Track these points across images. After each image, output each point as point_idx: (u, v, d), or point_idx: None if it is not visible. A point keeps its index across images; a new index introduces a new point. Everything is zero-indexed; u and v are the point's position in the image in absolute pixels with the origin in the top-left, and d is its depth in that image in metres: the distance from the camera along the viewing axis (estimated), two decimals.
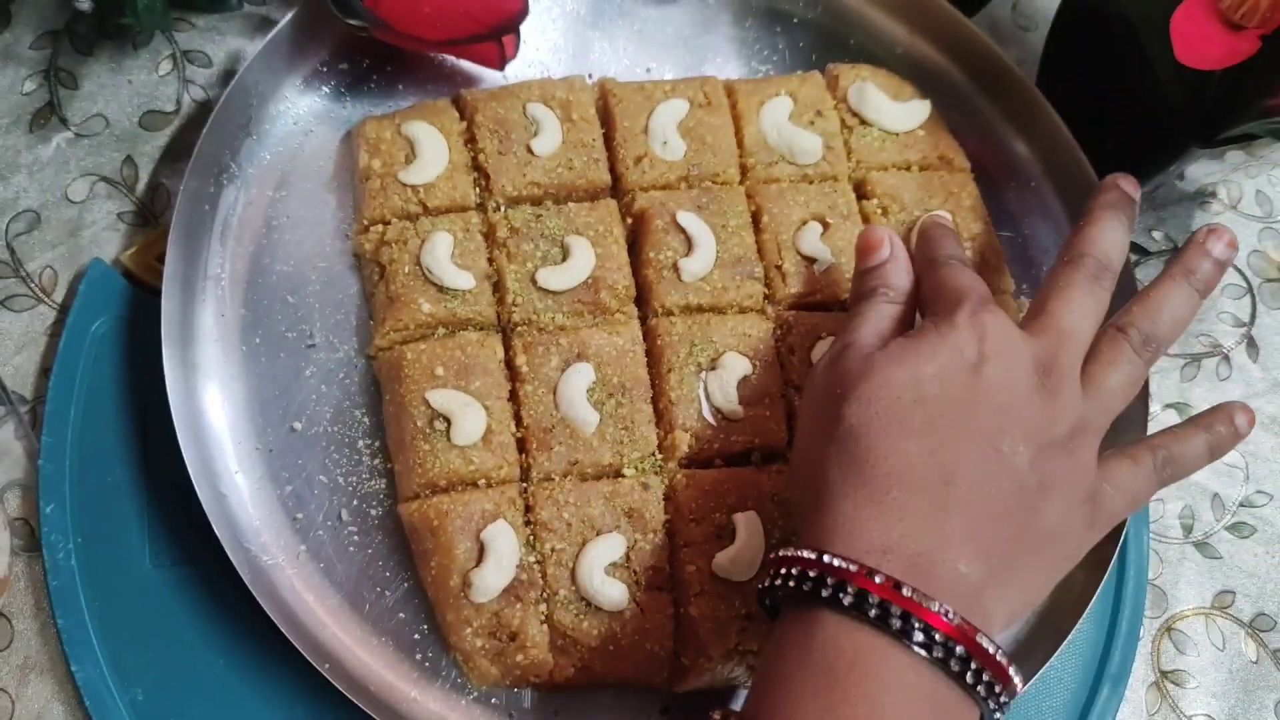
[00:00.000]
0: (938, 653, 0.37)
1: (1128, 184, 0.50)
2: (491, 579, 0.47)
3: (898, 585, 0.38)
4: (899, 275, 0.49)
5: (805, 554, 0.40)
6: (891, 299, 0.48)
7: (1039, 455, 0.42)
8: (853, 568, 0.39)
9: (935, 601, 0.38)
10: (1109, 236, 0.48)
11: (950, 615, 0.38)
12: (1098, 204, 0.49)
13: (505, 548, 0.48)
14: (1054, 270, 0.48)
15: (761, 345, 0.53)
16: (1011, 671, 0.39)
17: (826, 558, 0.39)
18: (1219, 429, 0.48)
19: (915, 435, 0.42)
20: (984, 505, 0.41)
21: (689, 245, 0.54)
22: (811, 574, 0.39)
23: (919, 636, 0.37)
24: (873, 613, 0.38)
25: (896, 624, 0.37)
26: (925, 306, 0.48)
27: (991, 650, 0.38)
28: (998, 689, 0.39)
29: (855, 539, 0.40)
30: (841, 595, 0.38)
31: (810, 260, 0.54)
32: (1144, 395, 0.56)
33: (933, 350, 0.44)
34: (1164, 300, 0.47)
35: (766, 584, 0.41)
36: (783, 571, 0.40)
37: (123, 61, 0.61)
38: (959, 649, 0.38)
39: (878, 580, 0.38)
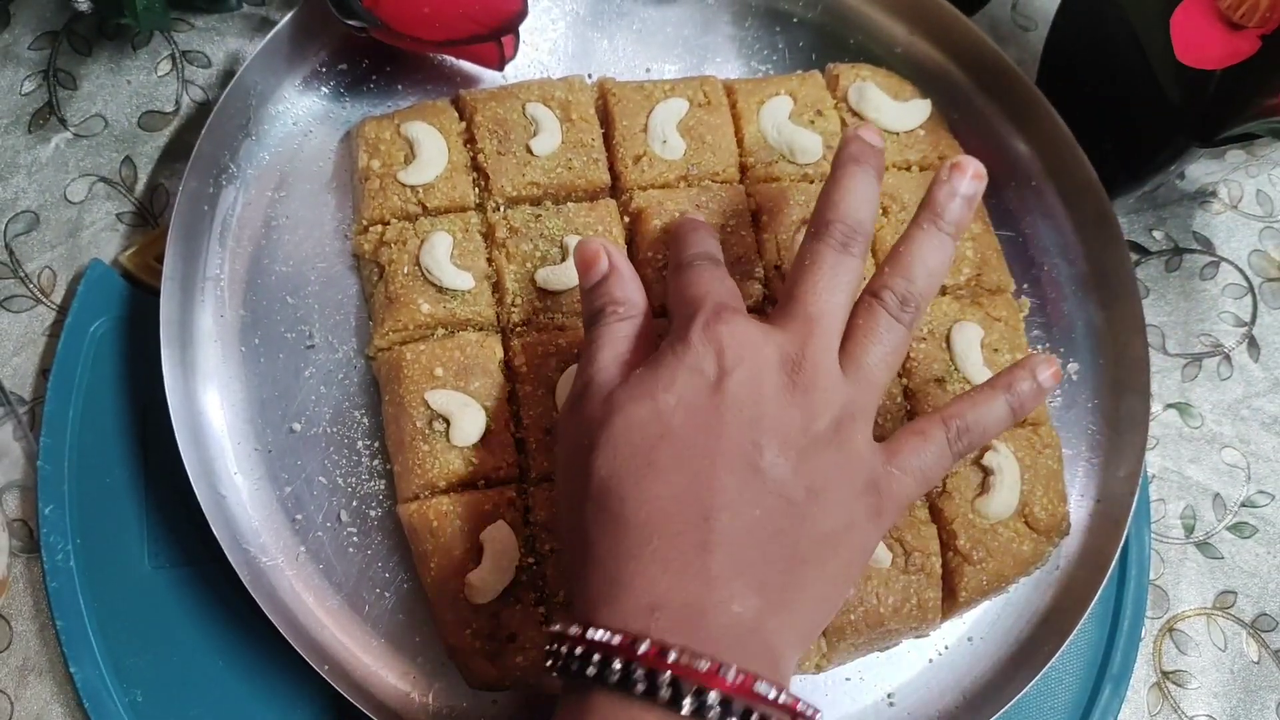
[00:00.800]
0: (713, 715, 0.35)
1: (868, 133, 0.47)
2: (491, 580, 0.47)
3: (664, 651, 0.35)
4: (624, 287, 0.45)
5: (571, 630, 0.37)
6: (623, 315, 0.45)
7: (802, 459, 0.40)
8: (615, 639, 0.36)
9: (704, 660, 0.35)
10: (853, 196, 0.44)
11: (724, 670, 0.35)
12: (837, 161, 0.46)
13: (504, 549, 0.48)
14: (801, 246, 0.45)
15: None
16: (800, 706, 0.37)
17: (590, 631, 0.37)
18: (1021, 387, 0.45)
19: (665, 475, 0.39)
20: (749, 532, 0.38)
21: None
22: (578, 651, 0.37)
23: (689, 705, 0.35)
24: (639, 687, 0.35)
25: (666, 694, 0.35)
26: (669, 319, 0.45)
27: (773, 695, 0.36)
28: None
29: (621, 603, 0.37)
30: (607, 672, 0.36)
31: None
32: (1145, 395, 0.56)
33: (670, 376, 0.41)
34: (915, 253, 0.44)
35: (547, 664, 0.38)
36: (551, 650, 0.38)
37: (122, 62, 0.61)
38: (737, 705, 0.35)
39: (641, 649, 0.35)
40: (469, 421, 0.49)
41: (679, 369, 0.41)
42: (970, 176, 0.45)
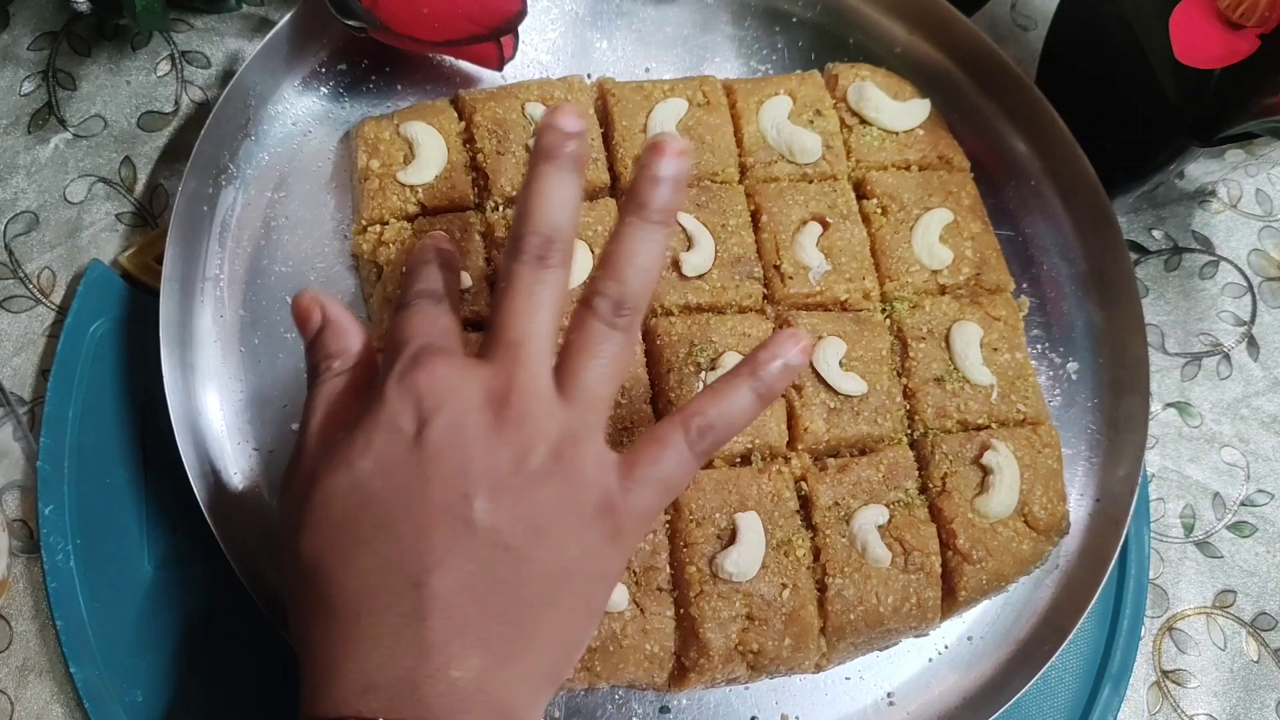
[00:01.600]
0: None
1: (564, 116, 0.41)
2: None
3: None
4: (339, 338, 0.43)
5: None
6: (337, 370, 0.42)
7: (518, 499, 0.38)
8: None
9: None
10: (545, 200, 0.41)
11: None
12: (534, 156, 0.42)
13: None
14: (501, 266, 0.42)
15: None
16: None
17: None
18: (768, 370, 0.41)
19: (370, 546, 0.37)
20: (465, 589, 0.36)
21: (688, 245, 0.54)
22: None
23: None
24: None
25: None
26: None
27: None
28: None
29: (336, 688, 0.36)
30: None
31: (805, 268, 0.54)
32: (1144, 394, 0.56)
33: (366, 439, 0.38)
34: (623, 251, 0.41)
35: None
36: None
37: (121, 62, 0.61)
38: None
39: None
40: None
41: (374, 429, 0.38)
42: (670, 155, 0.41)
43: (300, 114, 0.57)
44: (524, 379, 0.39)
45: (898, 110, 0.59)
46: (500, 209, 0.54)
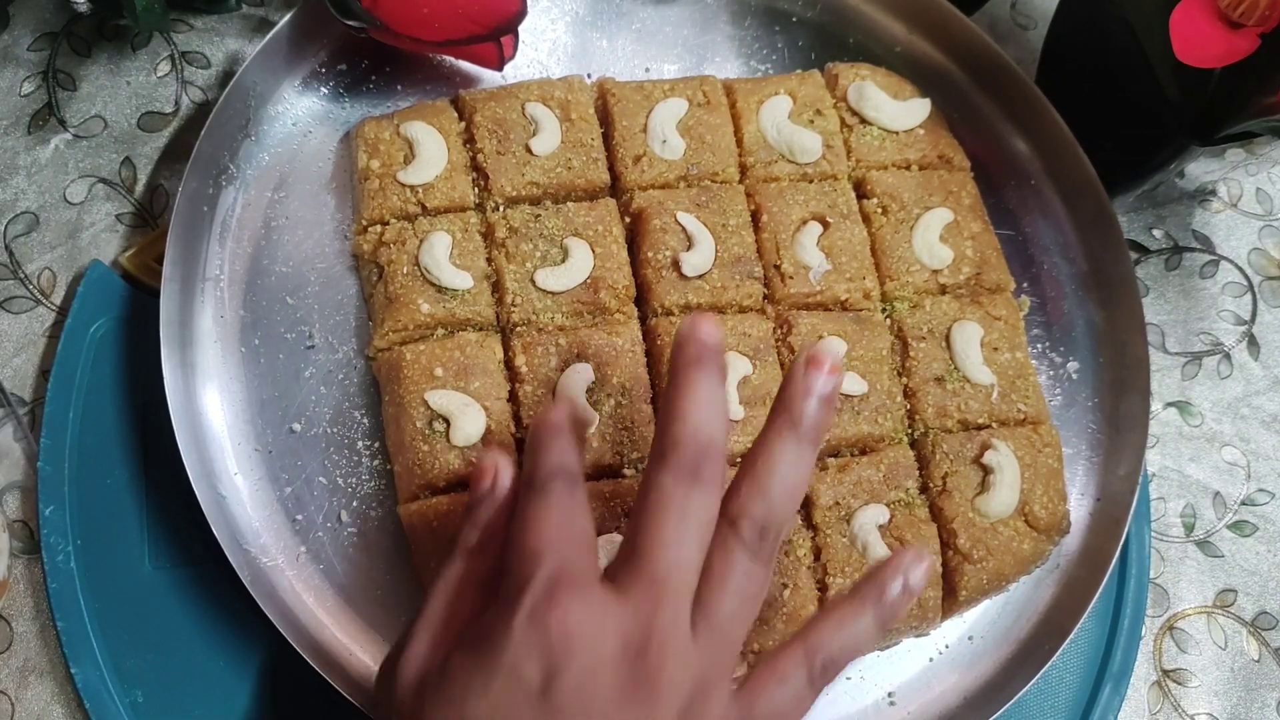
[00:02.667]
0: None
1: (705, 327, 0.39)
2: None
3: None
4: (494, 512, 0.39)
5: None
6: (473, 547, 0.39)
7: None
8: None
9: None
10: (700, 409, 0.38)
11: None
12: (677, 365, 0.39)
13: None
14: (645, 474, 0.38)
15: (761, 345, 0.52)
16: None
17: None
18: (891, 594, 0.39)
19: None
20: None
21: (688, 245, 0.54)
22: None
23: None
24: None
25: None
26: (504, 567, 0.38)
27: None
28: None
29: None
30: None
31: (805, 268, 0.54)
32: (1145, 393, 0.56)
33: (484, 682, 0.35)
34: (773, 467, 0.38)
35: None
36: None
37: (121, 63, 0.61)
38: None
39: None
40: (469, 421, 0.49)
41: (496, 670, 0.35)
42: (827, 372, 0.39)
43: (300, 114, 0.57)
44: (664, 624, 0.35)
45: (898, 110, 0.59)
46: (500, 209, 0.54)
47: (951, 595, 0.51)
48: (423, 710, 0.36)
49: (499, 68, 0.58)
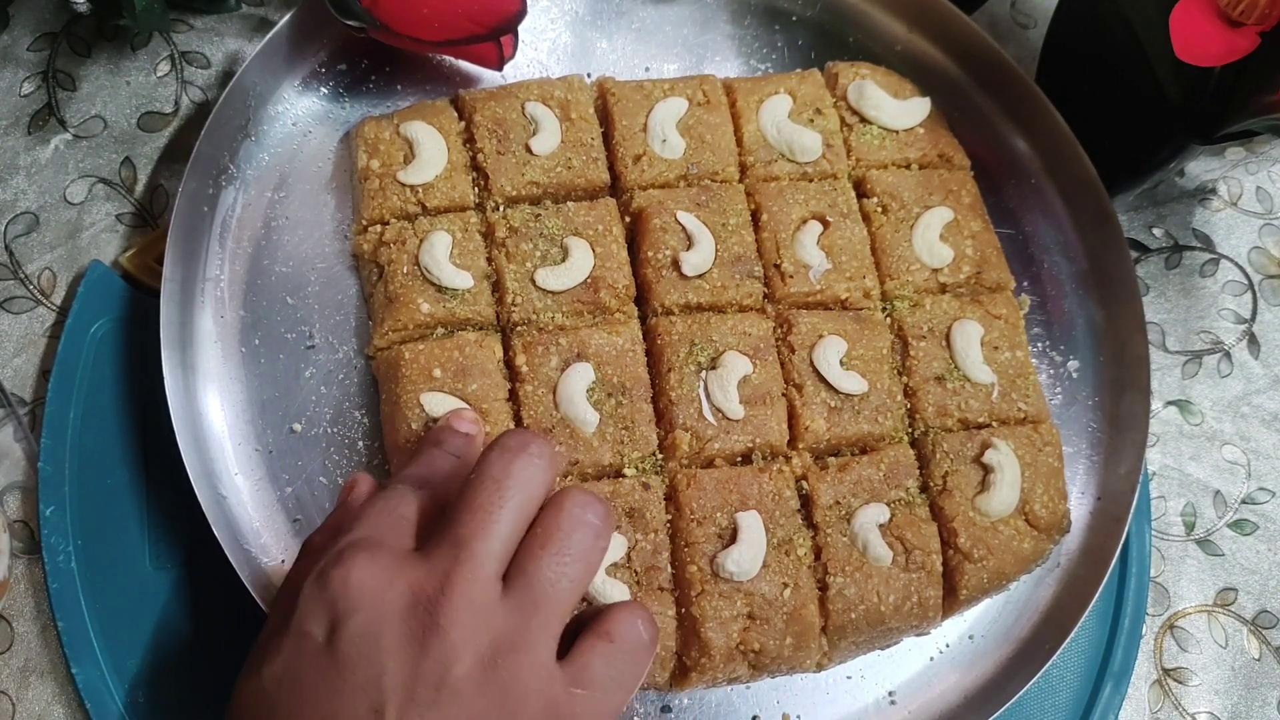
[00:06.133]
0: None
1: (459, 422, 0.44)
2: None
3: None
4: (343, 513, 0.41)
5: None
6: (315, 546, 0.41)
7: (436, 717, 0.34)
8: None
9: None
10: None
11: None
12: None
13: None
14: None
15: (761, 344, 0.52)
16: None
17: None
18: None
19: None
20: None
21: (688, 244, 0.54)
22: None
23: None
24: None
25: None
26: None
27: None
28: None
29: None
30: None
31: (806, 267, 0.54)
32: (1145, 392, 0.56)
33: (278, 644, 0.36)
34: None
35: None
36: None
37: (121, 63, 0.61)
38: None
39: None
40: None
41: (286, 633, 0.36)
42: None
43: (300, 114, 0.57)
44: (460, 581, 0.35)
45: (898, 109, 0.59)
46: (500, 209, 0.54)
47: (952, 594, 0.51)
48: (236, 689, 0.37)
49: (499, 67, 0.58)
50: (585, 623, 0.39)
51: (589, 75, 0.60)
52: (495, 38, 0.55)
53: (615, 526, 0.39)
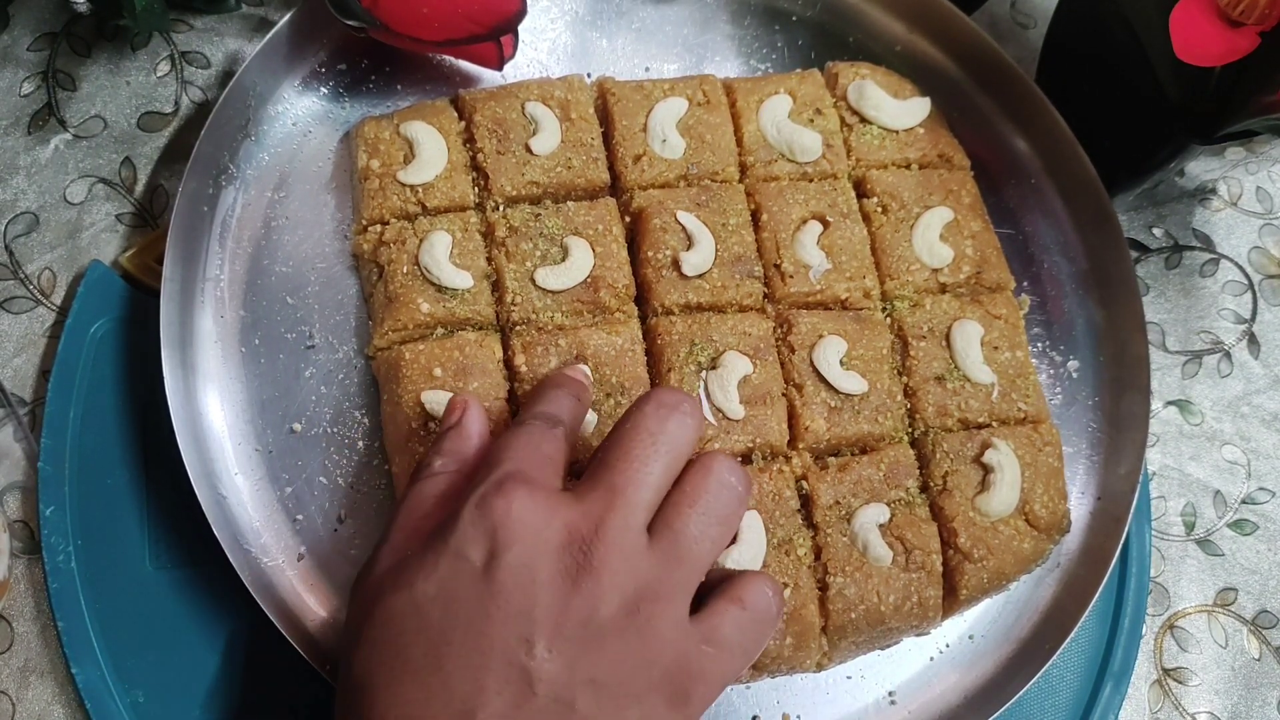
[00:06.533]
0: None
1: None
2: None
3: None
4: (456, 440, 0.42)
5: None
6: (438, 469, 0.41)
7: (580, 651, 0.36)
8: None
9: None
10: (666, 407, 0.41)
11: None
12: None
13: None
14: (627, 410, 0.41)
15: (762, 344, 0.52)
16: None
17: None
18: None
19: (420, 677, 0.36)
20: None
21: (688, 244, 0.54)
22: None
23: None
24: None
25: None
26: None
27: None
28: None
29: None
30: None
31: (806, 267, 0.54)
32: (1145, 392, 0.56)
33: (433, 561, 0.37)
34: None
35: None
36: None
37: (121, 63, 0.61)
38: None
39: None
40: None
41: (443, 554, 0.37)
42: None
43: (300, 114, 0.57)
44: (613, 526, 0.37)
45: (898, 109, 0.59)
46: (500, 208, 0.54)
47: (952, 594, 0.51)
48: (380, 599, 0.37)
49: (499, 67, 0.58)
50: (713, 586, 0.40)
51: (589, 75, 0.60)
52: (495, 38, 0.55)
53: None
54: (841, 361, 0.53)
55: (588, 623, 0.36)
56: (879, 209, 0.57)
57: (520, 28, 0.55)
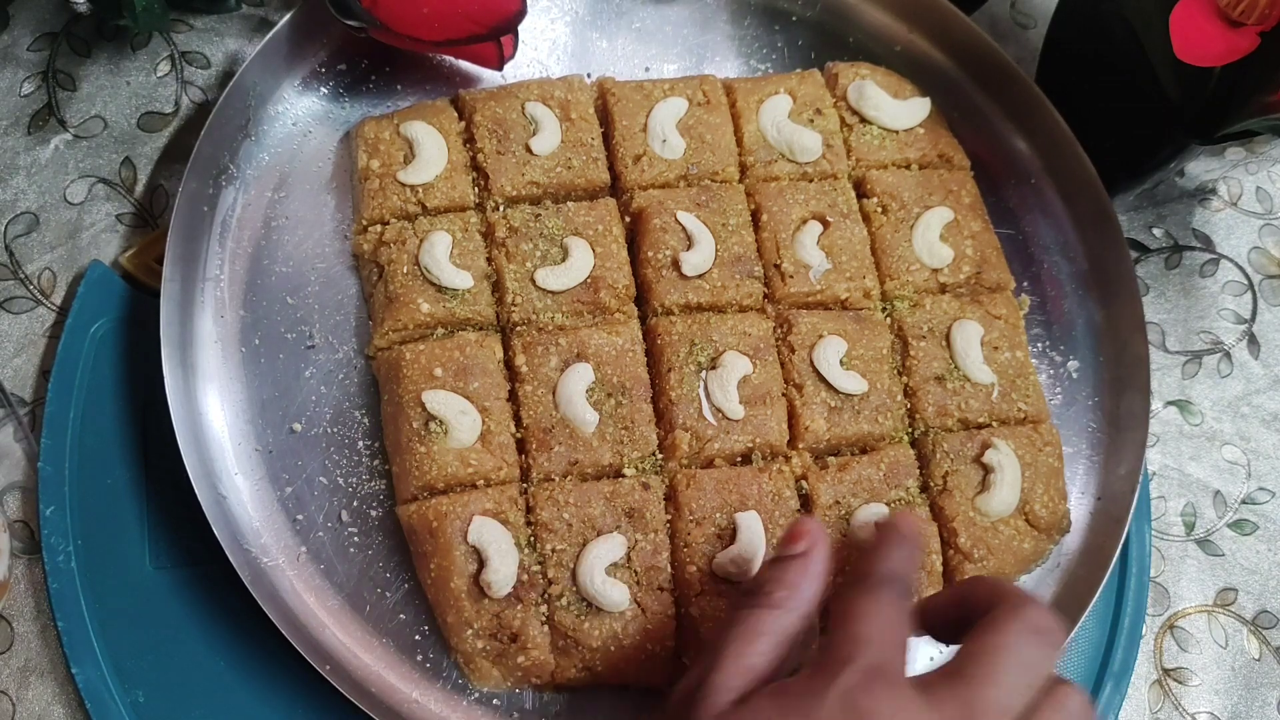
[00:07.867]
0: None
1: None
2: (493, 581, 0.47)
3: None
4: (804, 575, 0.41)
5: None
6: (777, 604, 0.41)
7: None
8: None
9: None
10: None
11: None
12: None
13: (501, 549, 0.48)
14: (986, 619, 0.39)
15: (761, 344, 0.52)
16: None
17: None
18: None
19: None
20: None
21: (688, 244, 0.54)
22: None
23: None
24: None
25: None
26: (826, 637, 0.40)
27: None
28: None
29: None
30: None
31: (806, 267, 0.54)
32: (1145, 392, 0.56)
33: None
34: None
35: None
36: None
37: (121, 63, 0.61)
38: None
39: None
40: (464, 429, 0.49)
41: None
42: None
43: (300, 114, 0.57)
44: None
45: (898, 109, 0.59)
46: (500, 209, 0.54)
47: None
48: None
49: (499, 67, 0.58)
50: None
51: (589, 75, 0.60)
52: (495, 38, 0.55)
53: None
54: (841, 361, 0.53)
55: None
56: (879, 209, 0.57)
57: (520, 28, 0.55)
